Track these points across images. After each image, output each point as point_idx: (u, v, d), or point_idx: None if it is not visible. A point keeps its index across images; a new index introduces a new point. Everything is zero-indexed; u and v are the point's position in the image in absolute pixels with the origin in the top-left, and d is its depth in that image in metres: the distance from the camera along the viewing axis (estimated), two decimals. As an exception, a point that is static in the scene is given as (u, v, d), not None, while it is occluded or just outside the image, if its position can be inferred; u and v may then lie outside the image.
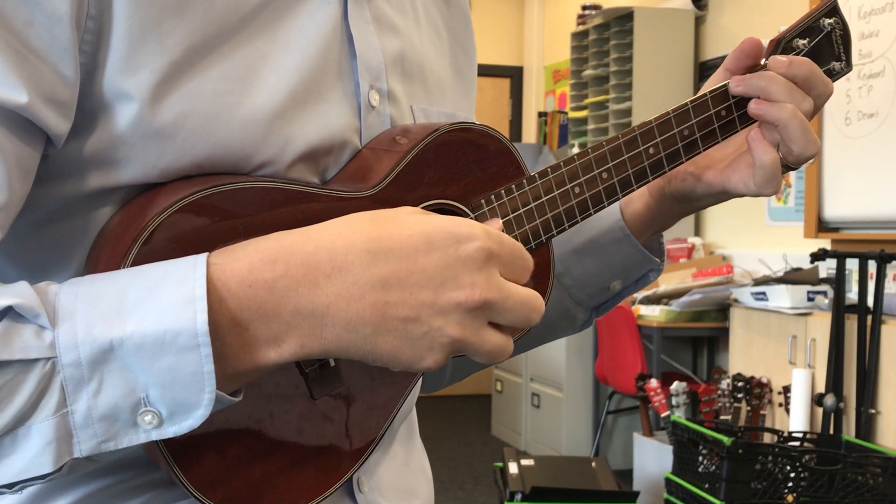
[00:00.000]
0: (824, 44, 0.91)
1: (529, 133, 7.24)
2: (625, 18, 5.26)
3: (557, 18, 6.90)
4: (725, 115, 0.87)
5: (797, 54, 0.89)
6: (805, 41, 0.90)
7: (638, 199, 0.94)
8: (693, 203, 0.91)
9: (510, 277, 0.65)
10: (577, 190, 0.81)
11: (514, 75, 7.38)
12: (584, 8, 5.86)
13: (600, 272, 0.95)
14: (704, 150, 0.87)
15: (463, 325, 0.62)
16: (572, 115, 5.86)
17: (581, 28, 5.71)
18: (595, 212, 0.82)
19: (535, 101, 7.21)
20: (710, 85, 0.89)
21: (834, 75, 0.91)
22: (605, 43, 5.46)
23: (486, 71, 7.24)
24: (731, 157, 0.88)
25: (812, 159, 0.85)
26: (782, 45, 0.89)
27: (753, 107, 0.85)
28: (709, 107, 0.86)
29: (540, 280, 0.82)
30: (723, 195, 0.89)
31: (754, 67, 0.88)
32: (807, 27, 0.90)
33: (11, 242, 0.68)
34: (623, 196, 0.84)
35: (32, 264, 0.69)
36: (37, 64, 0.61)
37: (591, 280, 0.96)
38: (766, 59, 0.88)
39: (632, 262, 0.95)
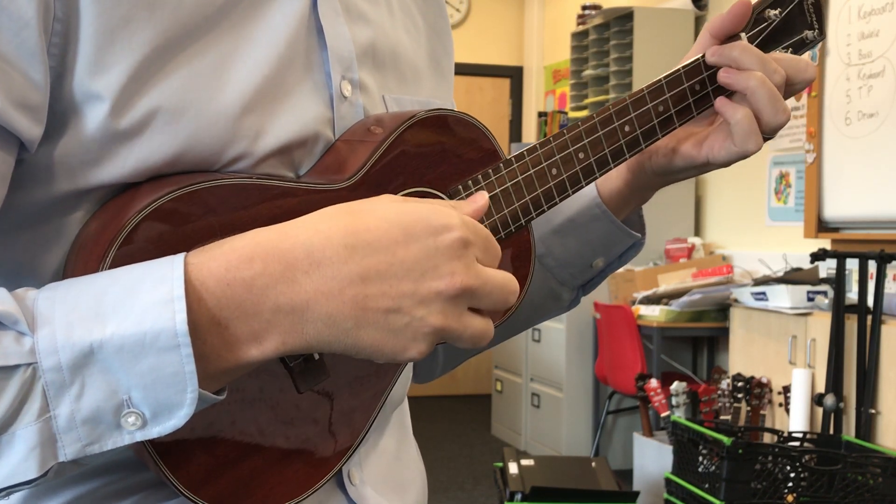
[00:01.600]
0: (796, 13, 0.90)
1: (529, 133, 7.24)
2: (625, 18, 5.25)
3: (557, 18, 6.89)
4: (699, 89, 0.87)
5: (769, 25, 0.89)
6: (776, 11, 0.90)
7: (616, 176, 0.94)
8: (673, 176, 0.91)
9: (486, 263, 0.65)
10: (553, 171, 0.81)
11: (514, 75, 7.38)
12: (584, 8, 5.85)
13: (581, 251, 0.96)
14: (680, 125, 0.87)
15: (445, 314, 0.62)
16: (572, 115, 5.86)
17: (581, 28, 5.71)
18: (573, 192, 0.82)
19: (535, 101, 7.20)
20: (695, 50, 0.89)
21: (807, 44, 0.91)
22: (605, 43, 5.46)
23: (486, 71, 7.24)
24: (709, 129, 0.88)
25: (783, 126, 0.86)
26: (754, 15, 0.89)
27: (723, 75, 0.86)
28: (682, 81, 0.86)
29: (521, 263, 0.82)
30: (706, 167, 0.89)
31: (731, 38, 0.88)
32: None
33: None
34: (600, 175, 0.84)
35: (7, 270, 0.69)
36: (5, 69, 0.60)
37: (573, 259, 0.96)
38: (742, 31, 0.88)
39: (612, 239, 0.95)
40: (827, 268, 3.90)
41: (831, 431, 3.41)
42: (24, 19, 0.60)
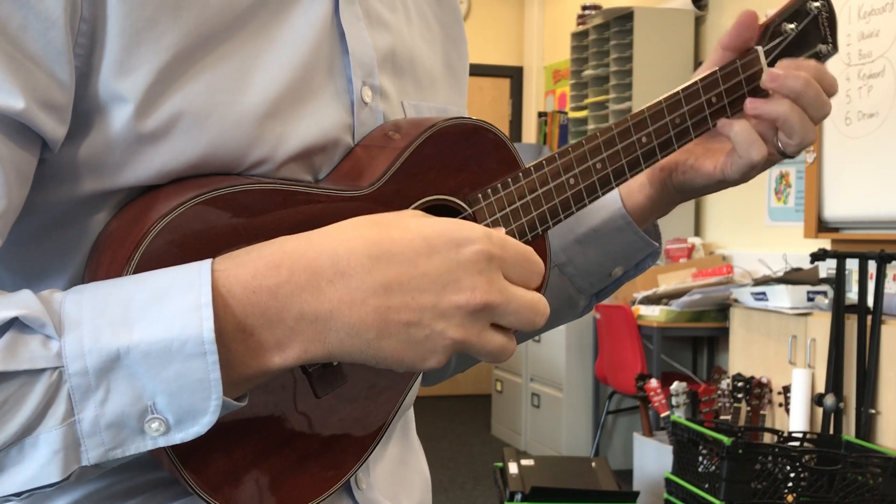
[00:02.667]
0: (811, 27, 0.92)
1: (529, 133, 7.24)
2: (625, 18, 5.25)
3: (557, 18, 6.89)
4: (716, 101, 0.88)
5: (785, 39, 0.91)
6: (793, 25, 0.91)
7: (639, 190, 0.95)
8: (694, 193, 0.93)
9: (518, 280, 0.65)
10: (571, 181, 0.82)
11: (514, 75, 7.38)
12: (584, 8, 5.85)
13: (602, 260, 0.97)
14: (696, 137, 0.88)
15: (465, 328, 0.62)
16: (572, 115, 5.86)
17: (581, 28, 5.71)
18: (590, 202, 0.83)
19: (535, 101, 7.20)
20: (709, 65, 0.90)
21: (821, 58, 0.93)
22: (605, 43, 5.46)
23: (486, 71, 7.24)
24: (726, 147, 0.90)
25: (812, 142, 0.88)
26: (771, 29, 0.90)
27: (749, 106, 0.88)
28: (700, 95, 0.87)
29: None
30: (723, 183, 0.91)
31: (747, 52, 0.89)
32: (794, 11, 0.91)
33: (8, 249, 0.68)
34: (617, 185, 0.85)
35: (29, 271, 0.69)
36: (32, 69, 0.60)
37: (594, 268, 0.98)
38: (758, 45, 0.89)
39: (632, 249, 0.97)
40: (827, 268, 3.90)
41: (831, 431, 3.41)
42: (52, 19, 0.60)
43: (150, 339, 0.57)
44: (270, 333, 0.60)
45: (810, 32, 0.92)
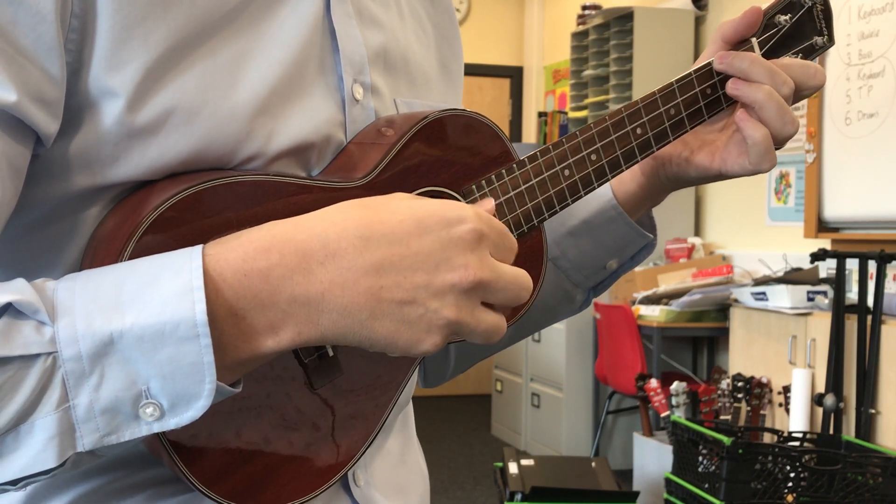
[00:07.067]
0: (806, 19, 0.91)
1: (529, 133, 7.24)
2: (625, 18, 5.26)
3: (557, 18, 6.90)
4: (710, 93, 0.88)
5: (779, 30, 0.90)
6: (787, 17, 0.90)
7: (630, 179, 0.94)
8: (687, 183, 0.92)
9: (499, 256, 0.66)
10: (566, 172, 0.81)
11: (514, 75, 7.38)
12: (584, 8, 5.86)
13: (596, 252, 0.96)
14: (691, 128, 0.88)
15: (458, 306, 0.62)
16: (572, 115, 5.86)
17: (581, 28, 5.71)
18: (585, 193, 0.83)
19: (535, 101, 7.21)
20: (705, 56, 0.89)
21: (816, 50, 0.92)
22: (605, 43, 5.46)
23: (486, 71, 7.24)
24: (723, 138, 0.89)
25: (791, 138, 0.87)
26: (764, 21, 0.90)
27: (731, 87, 0.87)
28: (694, 85, 0.87)
29: (534, 263, 0.83)
30: (719, 177, 0.90)
31: (742, 43, 0.89)
32: (788, 3, 0.91)
33: (1, 244, 0.68)
34: (612, 177, 0.84)
35: (21, 266, 0.69)
36: (23, 63, 0.61)
37: (588, 261, 0.97)
38: (752, 37, 0.89)
39: (626, 240, 0.96)
40: (827, 268, 3.90)
41: (831, 431, 3.41)
42: (42, 13, 0.61)
43: (142, 323, 0.57)
44: (263, 316, 0.60)
45: (805, 24, 0.91)
